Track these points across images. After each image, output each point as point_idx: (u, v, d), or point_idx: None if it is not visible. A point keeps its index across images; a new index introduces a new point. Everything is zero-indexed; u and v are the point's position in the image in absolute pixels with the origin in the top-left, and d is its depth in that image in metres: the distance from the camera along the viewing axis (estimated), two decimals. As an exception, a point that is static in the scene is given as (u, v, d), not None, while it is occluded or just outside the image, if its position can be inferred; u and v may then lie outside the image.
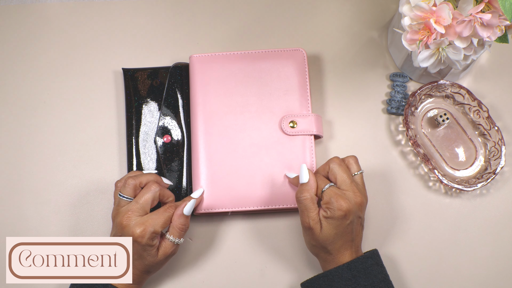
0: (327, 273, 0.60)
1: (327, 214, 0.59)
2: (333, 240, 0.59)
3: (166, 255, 0.61)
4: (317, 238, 0.59)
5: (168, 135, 0.70)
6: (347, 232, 0.59)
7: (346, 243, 0.60)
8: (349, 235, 0.60)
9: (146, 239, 0.58)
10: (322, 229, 0.59)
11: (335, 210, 0.58)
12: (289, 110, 0.69)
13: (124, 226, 0.59)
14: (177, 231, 0.61)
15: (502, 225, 0.70)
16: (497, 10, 0.56)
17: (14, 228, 0.70)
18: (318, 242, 0.60)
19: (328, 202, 0.59)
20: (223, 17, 0.78)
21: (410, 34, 0.60)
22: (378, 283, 0.59)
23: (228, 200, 0.67)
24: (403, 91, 0.73)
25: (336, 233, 0.59)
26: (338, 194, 0.59)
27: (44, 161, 0.72)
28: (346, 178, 0.61)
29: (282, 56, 0.71)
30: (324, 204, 0.59)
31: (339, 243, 0.59)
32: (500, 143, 0.69)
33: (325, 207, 0.59)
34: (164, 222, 0.60)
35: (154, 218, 0.59)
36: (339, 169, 0.61)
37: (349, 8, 0.78)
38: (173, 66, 0.72)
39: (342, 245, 0.60)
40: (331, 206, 0.58)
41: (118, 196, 0.62)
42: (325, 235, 0.59)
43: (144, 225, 0.58)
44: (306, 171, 0.61)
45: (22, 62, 0.76)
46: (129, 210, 0.60)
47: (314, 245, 0.61)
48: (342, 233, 0.59)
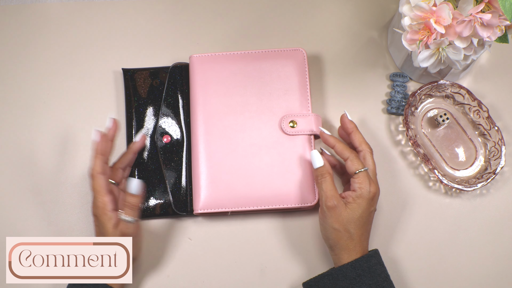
0: (331, 272, 0.60)
1: (357, 193, 0.61)
2: (358, 223, 0.60)
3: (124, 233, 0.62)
4: (342, 218, 0.60)
5: (168, 135, 0.70)
6: (369, 221, 0.62)
7: (366, 233, 0.62)
8: (370, 225, 0.62)
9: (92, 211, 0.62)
10: (349, 208, 0.61)
11: (368, 192, 0.61)
12: (289, 110, 0.69)
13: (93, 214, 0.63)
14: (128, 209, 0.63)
15: (502, 225, 0.70)
16: (497, 10, 0.56)
17: (14, 228, 0.70)
18: (343, 223, 0.60)
19: (362, 182, 0.61)
20: (223, 17, 0.78)
21: (410, 34, 0.60)
22: (382, 282, 0.59)
23: (228, 200, 0.67)
24: (403, 91, 0.73)
25: (361, 215, 0.60)
26: (371, 178, 0.62)
27: (44, 161, 0.72)
28: (374, 169, 0.64)
29: (282, 56, 0.71)
30: (357, 183, 0.61)
31: (362, 229, 0.61)
32: (500, 143, 0.69)
33: (358, 186, 0.61)
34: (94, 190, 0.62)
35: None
36: (371, 159, 0.65)
37: (349, 8, 0.78)
38: (172, 66, 0.72)
39: (363, 233, 0.61)
40: (364, 186, 0.61)
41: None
42: (351, 214, 0.60)
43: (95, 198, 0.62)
44: (318, 157, 0.64)
45: (22, 62, 0.76)
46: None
47: (336, 229, 0.60)
48: (366, 219, 0.61)
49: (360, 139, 0.66)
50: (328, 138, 0.66)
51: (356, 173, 0.62)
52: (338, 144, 0.65)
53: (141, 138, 0.69)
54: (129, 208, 0.63)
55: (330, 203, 0.61)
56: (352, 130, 0.67)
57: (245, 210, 0.67)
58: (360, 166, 0.62)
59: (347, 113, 0.68)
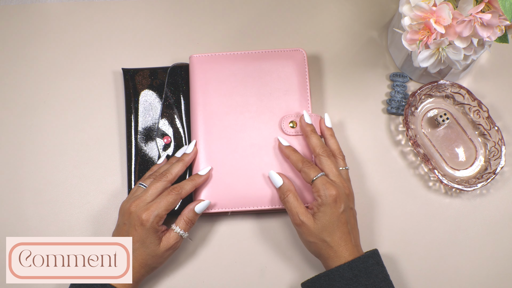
0: (328, 273, 0.60)
1: (318, 202, 0.60)
2: (330, 230, 0.60)
3: (168, 246, 0.62)
4: (313, 231, 0.60)
5: (168, 135, 0.70)
6: (342, 222, 0.60)
7: (344, 235, 0.60)
8: (344, 226, 0.60)
9: (150, 223, 0.60)
10: (316, 219, 0.60)
11: (326, 197, 0.60)
12: (289, 110, 0.69)
13: (131, 212, 0.61)
14: (184, 223, 0.63)
15: (502, 225, 0.70)
16: (497, 10, 0.56)
17: (14, 228, 0.70)
18: (316, 235, 0.60)
19: (319, 190, 0.61)
20: (223, 17, 0.78)
21: (410, 34, 0.60)
22: (379, 283, 0.59)
23: (228, 200, 0.67)
24: (403, 91, 0.73)
25: (330, 221, 0.60)
26: (328, 182, 0.61)
27: (44, 161, 0.72)
28: (334, 169, 0.63)
29: (282, 56, 0.71)
30: (315, 192, 0.61)
31: (337, 234, 0.60)
32: (500, 143, 0.69)
33: (316, 195, 0.61)
34: (167, 206, 0.62)
35: (157, 202, 0.61)
36: (328, 161, 0.63)
37: (349, 8, 0.78)
38: (172, 66, 0.72)
39: (341, 236, 0.60)
40: (321, 193, 0.60)
41: (137, 185, 0.65)
42: (321, 224, 0.60)
43: (149, 209, 0.61)
44: (277, 176, 0.65)
45: (22, 62, 0.76)
46: (138, 197, 0.62)
47: (313, 242, 0.61)
48: (338, 223, 0.60)
49: (313, 144, 0.65)
50: (283, 149, 0.66)
51: (312, 182, 0.62)
52: (292, 155, 0.65)
53: (193, 149, 0.67)
54: (185, 222, 0.63)
55: (297, 221, 0.61)
56: (306, 134, 0.66)
57: (245, 210, 0.67)
58: (313, 174, 0.62)
59: (327, 116, 0.68)
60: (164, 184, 0.63)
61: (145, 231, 0.60)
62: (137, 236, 0.61)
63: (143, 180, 0.66)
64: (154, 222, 0.60)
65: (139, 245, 0.61)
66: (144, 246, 0.61)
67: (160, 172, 0.65)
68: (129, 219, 0.61)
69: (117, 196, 0.71)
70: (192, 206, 0.64)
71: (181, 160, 0.66)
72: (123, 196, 0.70)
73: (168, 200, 0.62)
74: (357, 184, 0.71)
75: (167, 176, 0.64)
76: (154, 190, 0.63)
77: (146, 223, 0.60)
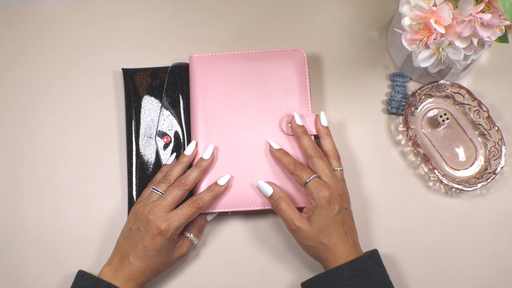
0: (327, 273, 0.60)
1: (312, 204, 0.60)
2: (327, 232, 0.60)
3: (181, 254, 0.64)
4: (310, 234, 0.60)
5: (168, 135, 0.70)
6: (338, 223, 0.60)
7: (342, 236, 0.60)
8: (341, 227, 0.60)
9: (169, 234, 0.60)
10: (311, 223, 0.60)
11: (320, 199, 0.60)
12: (289, 110, 0.69)
13: (149, 220, 0.61)
14: (197, 231, 0.66)
15: (502, 225, 0.70)
16: (497, 10, 0.56)
17: (14, 228, 0.70)
18: (313, 238, 0.60)
19: (312, 192, 0.61)
20: (223, 17, 0.78)
21: (410, 34, 0.60)
22: (378, 283, 0.59)
23: (228, 200, 0.67)
24: (403, 91, 0.73)
25: (326, 222, 0.60)
26: (320, 183, 0.61)
27: (44, 161, 0.72)
28: (327, 170, 0.63)
29: (282, 56, 0.71)
30: (309, 195, 0.61)
31: (334, 235, 0.60)
32: (500, 143, 0.69)
33: (310, 198, 0.61)
34: (187, 219, 0.62)
35: (178, 214, 0.61)
36: (320, 162, 0.63)
37: (349, 8, 0.78)
38: (172, 66, 0.72)
39: (338, 237, 0.60)
40: (314, 195, 0.60)
41: (151, 190, 0.65)
42: (317, 227, 0.60)
43: (169, 220, 0.61)
44: (266, 185, 0.65)
45: (22, 62, 0.76)
46: (157, 205, 0.62)
47: (311, 245, 0.61)
48: (334, 224, 0.60)
49: (305, 145, 0.65)
50: (275, 153, 0.66)
51: (305, 185, 0.62)
52: (283, 158, 0.65)
53: (210, 156, 0.66)
54: (199, 230, 0.66)
55: (292, 227, 0.61)
56: (298, 136, 0.66)
57: (245, 210, 0.67)
58: (306, 176, 0.62)
59: (323, 114, 0.68)
60: (183, 193, 0.63)
61: (162, 241, 0.60)
62: (154, 245, 0.60)
63: (156, 184, 0.65)
64: (173, 233, 0.61)
65: (154, 253, 0.61)
66: (160, 255, 0.61)
67: (172, 174, 0.65)
68: (147, 227, 0.61)
69: (117, 196, 0.71)
70: (204, 215, 0.67)
71: (198, 166, 0.65)
72: (123, 196, 0.70)
73: (189, 213, 0.62)
74: (356, 184, 0.71)
75: (186, 184, 0.63)
76: (172, 199, 0.62)
77: (165, 234, 0.60)
